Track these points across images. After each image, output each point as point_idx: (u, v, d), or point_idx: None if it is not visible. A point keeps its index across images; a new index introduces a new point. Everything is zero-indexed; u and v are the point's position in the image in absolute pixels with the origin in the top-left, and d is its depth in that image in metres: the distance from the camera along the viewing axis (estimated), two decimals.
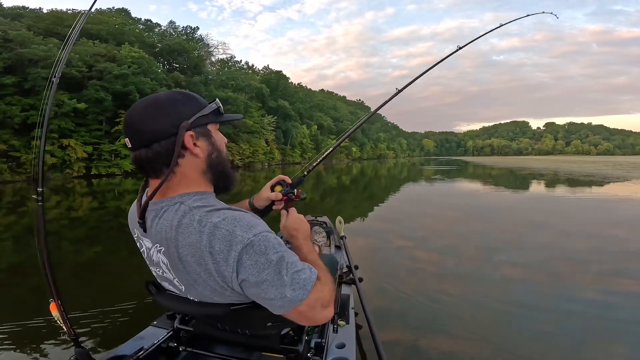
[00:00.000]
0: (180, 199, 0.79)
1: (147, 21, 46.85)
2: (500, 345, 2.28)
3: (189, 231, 0.74)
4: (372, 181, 20.05)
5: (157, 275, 0.91)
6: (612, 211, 8.09)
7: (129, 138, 0.80)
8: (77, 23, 1.45)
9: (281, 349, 1.07)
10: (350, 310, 1.68)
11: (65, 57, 1.42)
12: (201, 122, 0.82)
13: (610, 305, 2.91)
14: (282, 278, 0.73)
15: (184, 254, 0.76)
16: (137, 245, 0.93)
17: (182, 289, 0.85)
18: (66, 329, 1.26)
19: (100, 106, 25.22)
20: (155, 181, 0.81)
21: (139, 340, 1.26)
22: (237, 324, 0.99)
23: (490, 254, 4.52)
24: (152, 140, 0.77)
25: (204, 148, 0.82)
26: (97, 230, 6.98)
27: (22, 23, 26.94)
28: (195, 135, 0.80)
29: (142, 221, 0.82)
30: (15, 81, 21.57)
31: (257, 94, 47.15)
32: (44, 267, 1.27)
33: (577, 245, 4.91)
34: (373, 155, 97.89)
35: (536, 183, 15.95)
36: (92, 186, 17.58)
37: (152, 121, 0.77)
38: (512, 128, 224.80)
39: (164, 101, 0.79)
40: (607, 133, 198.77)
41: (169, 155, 0.77)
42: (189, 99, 0.82)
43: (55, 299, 1.26)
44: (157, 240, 0.81)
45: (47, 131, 1.41)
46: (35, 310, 2.72)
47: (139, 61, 28.83)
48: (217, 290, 0.78)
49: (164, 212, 0.79)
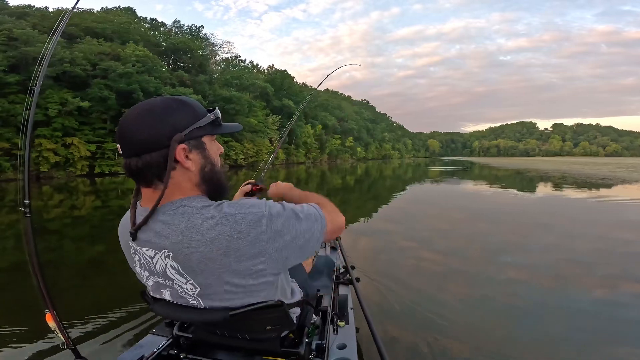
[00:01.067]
0: (182, 203, 0.78)
1: (152, 20, 46.98)
2: (504, 346, 2.26)
3: (204, 228, 0.75)
4: (377, 182, 19.81)
5: (156, 284, 0.88)
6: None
7: (120, 145, 0.77)
8: (55, 29, 1.44)
9: (282, 352, 1.05)
10: (350, 311, 1.68)
11: (46, 63, 1.39)
12: (196, 135, 0.80)
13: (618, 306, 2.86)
14: (302, 221, 0.82)
15: (205, 251, 0.75)
16: (129, 258, 0.91)
17: (196, 291, 0.83)
18: (64, 339, 1.25)
19: (104, 105, 25.17)
20: (147, 190, 0.81)
21: (139, 348, 1.24)
22: (236, 329, 0.99)
23: (498, 256, 4.39)
24: (143, 151, 0.75)
25: (197, 161, 0.81)
26: (100, 229, 6.94)
27: (28, 22, 26.98)
28: (187, 148, 0.78)
29: (135, 232, 0.80)
30: (19, 79, 21.55)
31: (261, 93, 46.93)
32: (37, 278, 1.26)
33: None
34: (378, 156, 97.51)
35: (554, 188, 14.91)
36: (95, 185, 17.58)
37: (143, 130, 0.75)
38: (519, 129, 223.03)
39: (159, 109, 0.77)
40: (615, 134, 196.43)
41: (158, 166, 0.76)
42: (185, 107, 0.80)
43: (51, 310, 1.25)
44: (163, 246, 0.78)
45: (31, 141, 1.37)
46: (35, 315, 2.67)
47: (143, 60, 28.74)
48: (243, 276, 0.79)
49: (168, 216, 0.78)
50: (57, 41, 1.41)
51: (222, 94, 36.32)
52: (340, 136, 72.84)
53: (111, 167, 25.41)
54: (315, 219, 0.86)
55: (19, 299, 3.15)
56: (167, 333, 1.29)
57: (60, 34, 1.44)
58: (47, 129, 22.28)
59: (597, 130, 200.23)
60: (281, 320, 0.94)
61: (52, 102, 22.37)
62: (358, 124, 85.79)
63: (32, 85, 1.36)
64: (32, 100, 1.34)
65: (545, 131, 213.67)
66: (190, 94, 31.42)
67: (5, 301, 3.16)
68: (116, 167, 25.65)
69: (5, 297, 3.28)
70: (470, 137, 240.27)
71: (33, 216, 1.37)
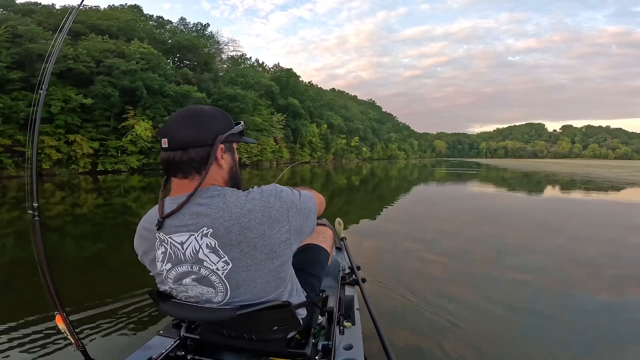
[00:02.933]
0: (216, 189, 0.91)
1: (158, 18, 47.00)
2: (512, 351, 2.22)
3: (241, 203, 0.88)
4: (382, 182, 19.38)
5: (180, 274, 0.93)
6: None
7: (168, 139, 0.89)
8: (62, 25, 1.41)
9: (288, 353, 1.07)
10: (356, 311, 1.66)
11: (53, 60, 1.38)
12: (230, 139, 0.96)
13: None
14: (302, 196, 1.01)
15: (244, 221, 0.86)
16: (148, 257, 0.98)
17: (227, 269, 0.89)
18: (74, 341, 1.26)
19: (108, 102, 25.03)
20: (181, 181, 0.91)
21: (146, 350, 1.24)
22: (243, 330, 1.01)
23: (506, 258, 4.22)
24: (189, 146, 0.88)
25: (228, 161, 0.97)
26: (102, 227, 6.80)
27: (33, 19, 26.96)
28: (224, 148, 0.95)
29: (163, 220, 0.89)
30: (22, 76, 21.47)
31: (266, 92, 46.56)
32: (46, 281, 1.28)
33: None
34: (384, 156, 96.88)
35: (581, 194, 13.70)
36: (97, 182, 17.44)
37: (193, 130, 0.89)
38: (527, 130, 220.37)
39: (207, 115, 0.93)
40: (625, 137, 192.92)
41: (200, 160, 0.89)
42: (225, 117, 0.98)
43: (60, 312, 1.26)
44: (203, 224, 0.87)
45: (37, 144, 1.37)
46: (38, 311, 2.64)
47: (147, 57, 28.57)
48: (272, 246, 0.90)
49: (205, 199, 0.89)
50: (63, 38, 1.41)
51: (226, 92, 36.04)
52: (345, 136, 72.36)
53: (114, 165, 25.27)
54: (310, 198, 1.04)
55: (21, 298, 3.12)
56: (175, 334, 1.29)
57: (67, 32, 1.43)
58: (50, 126, 22.15)
59: (606, 132, 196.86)
60: (288, 320, 0.98)
61: (55, 99, 22.23)
62: (364, 123, 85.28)
63: (37, 88, 1.36)
64: (37, 106, 1.33)
65: (554, 133, 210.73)
66: (194, 91, 31.23)
67: (7, 301, 3.12)
68: (119, 164, 25.51)
69: (10, 294, 3.25)
70: (477, 138, 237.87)
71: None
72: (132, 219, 7.81)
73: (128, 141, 26.09)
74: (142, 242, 0.98)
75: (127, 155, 26.19)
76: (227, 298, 0.92)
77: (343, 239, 2.53)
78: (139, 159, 26.77)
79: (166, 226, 0.89)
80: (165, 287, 0.97)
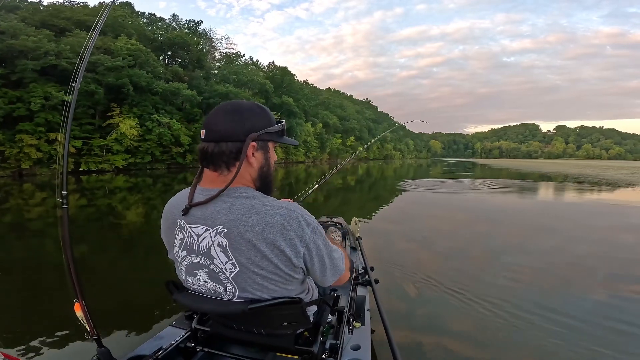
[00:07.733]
0: (245, 190, 0.92)
1: (150, 15, 45.88)
2: (510, 349, 2.25)
3: (263, 212, 0.87)
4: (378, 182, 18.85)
5: (192, 264, 0.95)
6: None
7: (205, 130, 0.92)
8: (97, 22, 1.43)
9: (296, 350, 1.07)
10: (366, 312, 1.66)
11: (86, 60, 1.40)
12: (265, 138, 0.95)
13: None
14: (333, 251, 1.01)
15: (258, 231, 0.86)
16: (168, 238, 1.00)
17: (234, 272, 0.90)
18: (89, 329, 1.27)
19: (92, 99, 24.14)
20: (212, 173, 0.93)
21: (158, 340, 1.26)
22: (253, 324, 1.02)
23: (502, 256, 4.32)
24: (221, 139, 0.90)
25: (259, 160, 0.95)
26: (84, 229, 6.38)
27: (17, 15, 25.95)
28: (256, 146, 0.94)
29: (189, 207, 0.91)
30: (2, 73, 20.53)
31: (260, 90, 45.71)
32: (69, 268, 1.29)
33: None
34: (379, 156, 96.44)
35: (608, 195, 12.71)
36: (80, 183, 16.66)
37: (227, 123, 0.91)
38: (522, 130, 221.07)
39: (245, 109, 0.93)
40: (619, 137, 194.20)
41: (229, 154, 0.90)
42: (264, 113, 0.96)
43: (80, 300, 1.27)
44: (219, 222, 0.88)
45: (69, 136, 1.41)
46: (41, 303, 2.79)
47: (135, 53, 27.65)
48: (277, 265, 0.90)
49: (231, 198, 0.90)
50: (96, 37, 1.41)
51: (218, 90, 35.16)
52: (341, 135, 71.71)
53: (98, 165, 24.36)
54: (338, 265, 1.03)
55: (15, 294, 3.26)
56: (186, 326, 1.28)
57: (100, 28, 1.43)
58: (30, 124, 21.21)
59: (600, 132, 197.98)
60: (298, 317, 0.99)
61: (35, 97, 21.30)
62: (360, 123, 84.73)
63: (71, 82, 1.39)
64: (72, 99, 1.37)
65: (548, 133, 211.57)
66: (184, 89, 30.37)
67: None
68: (103, 164, 24.59)
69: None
70: (472, 139, 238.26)
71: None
72: (118, 220, 7.55)
73: (113, 140, 25.16)
74: (165, 219, 1.00)
75: (112, 155, 25.28)
76: (236, 297, 0.93)
77: (358, 238, 2.50)
78: (124, 158, 25.91)
79: (190, 214, 0.91)
80: (181, 276, 1.01)
